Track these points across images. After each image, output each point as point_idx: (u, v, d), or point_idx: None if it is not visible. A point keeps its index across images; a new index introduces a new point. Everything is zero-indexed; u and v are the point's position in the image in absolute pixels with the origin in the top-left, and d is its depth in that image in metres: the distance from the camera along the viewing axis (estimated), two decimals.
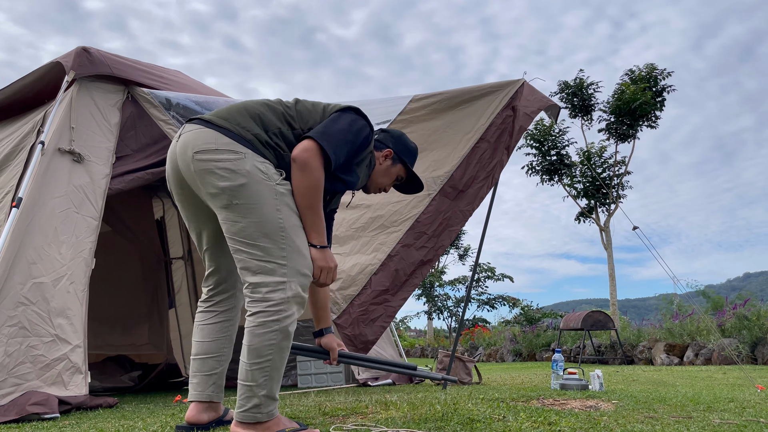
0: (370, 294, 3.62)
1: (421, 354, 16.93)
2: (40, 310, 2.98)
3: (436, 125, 3.77)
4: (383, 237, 3.69)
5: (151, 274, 6.14)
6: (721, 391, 3.56)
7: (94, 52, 3.68)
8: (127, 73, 3.82)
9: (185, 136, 1.92)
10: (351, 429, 2.01)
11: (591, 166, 13.47)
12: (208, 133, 1.88)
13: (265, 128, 1.94)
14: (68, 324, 3.08)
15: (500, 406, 2.66)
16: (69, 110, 3.49)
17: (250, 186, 1.82)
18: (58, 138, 3.39)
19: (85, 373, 3.07)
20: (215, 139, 1.86)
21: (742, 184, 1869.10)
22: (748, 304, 8.02)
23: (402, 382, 4.74)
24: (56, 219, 3.23)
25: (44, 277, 3.06)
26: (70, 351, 3.02)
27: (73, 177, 3.39)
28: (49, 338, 2.96)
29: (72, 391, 2.95)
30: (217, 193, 1.83)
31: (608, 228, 13.34)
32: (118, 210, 5.55)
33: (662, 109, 12.96)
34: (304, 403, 3.09)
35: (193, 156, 1.85)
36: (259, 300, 1.79)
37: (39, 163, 3.24)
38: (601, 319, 8.98)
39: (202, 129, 1.90)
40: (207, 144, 1.85)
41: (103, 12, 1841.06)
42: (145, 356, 5.91)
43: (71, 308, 3.13)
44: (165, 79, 4.12)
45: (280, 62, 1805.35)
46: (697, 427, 2.05)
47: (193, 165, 1.86)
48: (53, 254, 3.15)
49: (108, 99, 3.75)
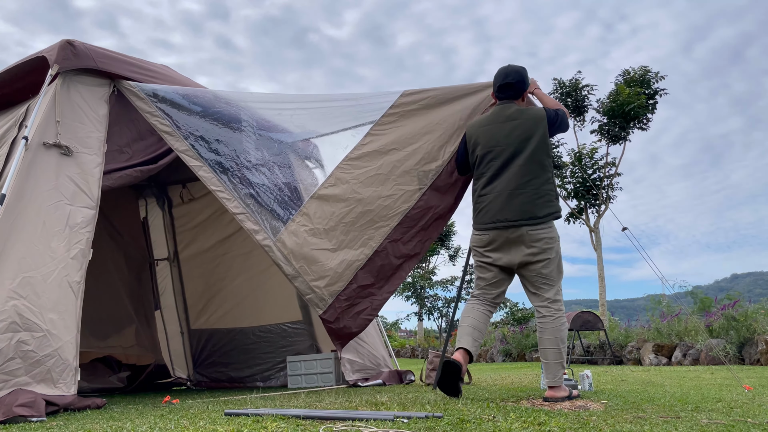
0: (355, 289, 3.63)
1: (412, 355, 16.94)
2: (31, 304, 2.93)
3: (427, 120, 3.77)
4: (371, 231, 3.68)
5: (137, 274, 6.09)
6: (709, 391, 3.59)
7: (79, 45, 3.59)
8: (113, 66, 3.73)
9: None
10: (341, 429, 2.01)
11: (582, 167, 13.53)
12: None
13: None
14: (60, 319, 3.02)
15: (490, 406, 2.67)
16: (54, 104, 3.41)
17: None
18: (42, 132, 3.31)
19: (75, 370, 3.02)
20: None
21: (730, 185, 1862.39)
22: (736, 305, 8.09)
23: (392, 383, 4.74)
24: (44, 213, 3.16)
25: (34, 272, 3.00)
26: (61, 347, 2.97)
27: (62, 170, 3.32)
28: (40, 333, 2.91)
29: (61, 389, 2.92)
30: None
31: (598, 229, 13.41)
32: (104, 209, 5.50)
33: (654, 111, 13.06)
34: (294, 403, 3.08)
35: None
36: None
37: (23, 158, 3.17)
38: (591, 319, 9.03)
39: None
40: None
41: (93, 10, 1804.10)
42: (134, 357, 5.86)
43: (63, 302, 3.07)
44: (152, 72, 4.03)
45: (272, 62, 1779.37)
46: (685, 427, 2.07)
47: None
48: (43, 248, 3.09)
49: (94, 92, 3.66)
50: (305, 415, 2.35)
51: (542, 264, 3.05)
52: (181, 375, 6.07)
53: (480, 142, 3.21)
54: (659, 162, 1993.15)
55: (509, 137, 3.14)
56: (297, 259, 3.62)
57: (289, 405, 3.00)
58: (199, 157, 3.64)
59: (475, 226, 3.22)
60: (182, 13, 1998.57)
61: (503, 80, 3.24)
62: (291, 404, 3.04)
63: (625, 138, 13.32)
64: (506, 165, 3.12)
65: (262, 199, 3.71)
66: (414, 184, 3.69)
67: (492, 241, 3.12)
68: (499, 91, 3.28)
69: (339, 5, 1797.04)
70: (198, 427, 2.16)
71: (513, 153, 3.12)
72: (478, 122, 3.28)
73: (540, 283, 3.08)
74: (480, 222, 3.17)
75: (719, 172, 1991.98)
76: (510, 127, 3.16)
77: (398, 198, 3.70)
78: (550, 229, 3.07)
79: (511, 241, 3.08)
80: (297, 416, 2.34)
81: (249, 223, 3.60)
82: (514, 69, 3.27)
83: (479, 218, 3.17)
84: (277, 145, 4.00)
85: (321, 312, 3.59)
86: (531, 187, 3.07)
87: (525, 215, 3.04)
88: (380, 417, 2.25)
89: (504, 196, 3.09)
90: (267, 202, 3.72)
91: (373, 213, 3.70)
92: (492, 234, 3.11)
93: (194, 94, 3.90)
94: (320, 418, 2.31)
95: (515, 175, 3.09)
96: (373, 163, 3.74)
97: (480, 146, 3.20)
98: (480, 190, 3.20)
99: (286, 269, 3.59)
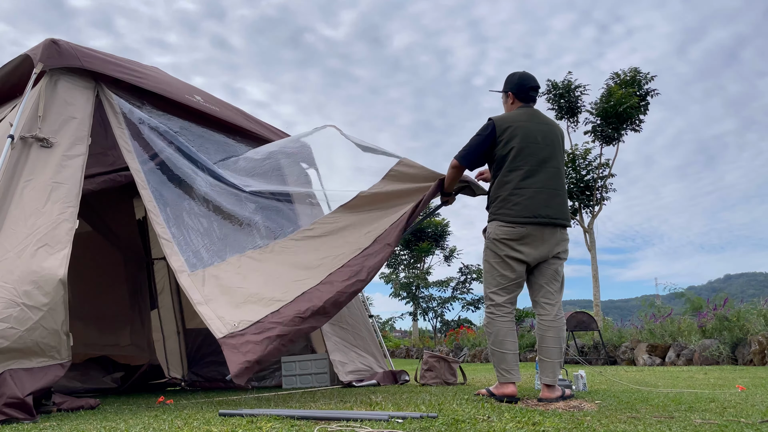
0: (259, 325, 3.21)
1: (406, 355, 16.93)
2: (5, 282, 2.83)
3: (375, 206, 3.90)
4: (295, 284, 3.56)
5: (132, 274, 6.07)
6: (703, 392, 3.61)
7: (63, 44, 3.58)
8: (98, 66, 3.71)
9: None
10: (336, 429, 2.01)
11: (576, 168, 13.57)
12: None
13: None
14: (36, 288, 2.89)
15: (485, 406, 2.67)
16: (38, 101, 3.39)
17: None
18: (27, 129, 3.30)
19: (67, 336, 2.93)
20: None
21: (724, 186, 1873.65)
22: (728, 305, 8.12)
23: (387, 383, 4.74)
24: (27, 205, 3.12)
25: (9, 253, 2.93)
26: (42, 318, 2.85)
27: (41, 161, 3.28)
28: (16, 308, 2.79)
29: (54, 357, 2.85)
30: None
31: (592, 230, 13.45)
32: (98, 210, 5.49)
33: (646, 112, 13.11)
34: (289, 404, 3.08)
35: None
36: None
37: (9, 157, 3.15)
38: (585, 320, 9.05)
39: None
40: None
41: (89, 9, 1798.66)
42: (127, 357, 5.84)
43: (39, 271, 2.93)
44: (139, 73, 4.01)
45: (268, 62, 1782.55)
46: (678, 427, 2.07)
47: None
48: (19, 229, 3.01)
49: (79, 91, 3.64)
50: (300, 415, 2.35)
51: (560, 263, 3.18)
52: (175, 375, 6.06)
53: (518, 135, 3.15)
54: (654, 163, 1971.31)
55: (545, 139, 3.18)
56: (208, 289, 3.45)
57: (283, 405, 3.00)
58: (147, 185, 3.69)
59: (505, 218, 3.09)
60: (178, 12, 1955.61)
61: (534, 83, 3.32)
62: (286, 404, 3.04)
63: (618, 139, 13.36)
64: (543, 164, 3.14)
65: (192, 240, 3.77)
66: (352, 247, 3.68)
67: (527, 235, 3.06)
68: (528, 92, 3.30)
69: (335, 5, 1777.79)
70: (192, 427, 2.16)
71: (548, 155, 3.16)
72: (511, 117, 3.23)
73: (554, 281, 3.15)
74: (516, 215, 3.06)
75: (713, 173, 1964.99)
76: (545, 129, 3.21)
77: (344, 253, 3.65)
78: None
79: (543, 239, 3.08)
80: (291, 417, 2.34)
81: (169, 250, 3.56)
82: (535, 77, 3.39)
83: (514, 211, 3.07)
84: (227, 195, 4.03)
85: (221, 336, 3.14)
86: (564, 191, 3.21)
87: (564, 216, 3.15)
88: (375, 417, 2.25)
89: (546, 193, 3.10)
90: (195, 244, 3.77)
91: (300, 270, 3.66)
92: (529, 228, 3.05)
93: (166, 129, 3.99)
94: (315, 419, 2.31)
95: (554, 176, 3.15)
96: (313, 242, 3.77)
97: (518, 138, 3.14)
98: (517, 182, 3.10)
99: (194, 296, 3.37)
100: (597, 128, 13.41)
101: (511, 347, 3.05)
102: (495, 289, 3.12)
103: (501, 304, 3.09)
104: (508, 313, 3.09)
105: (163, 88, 4.16)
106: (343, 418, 2.27)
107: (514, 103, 3.34)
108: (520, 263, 3.10)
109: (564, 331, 3.09)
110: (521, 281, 3.14)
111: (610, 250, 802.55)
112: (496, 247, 3.11)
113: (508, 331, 3.06)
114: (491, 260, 3.14)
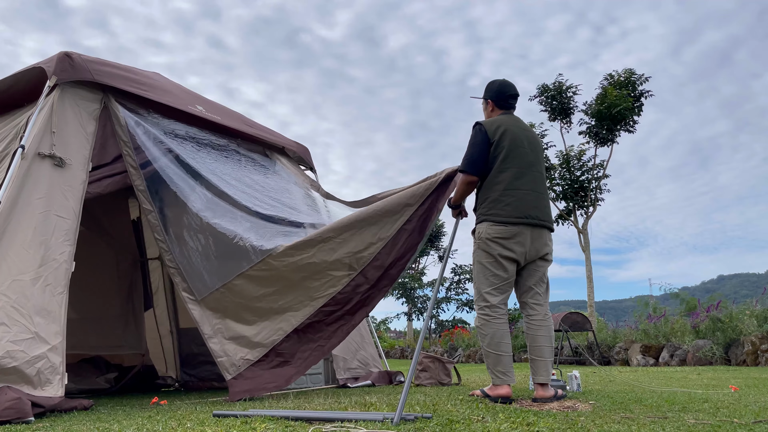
0: (271, 360, 3.71)
1: (401, 355, 16.93)
2: (20, 306, 2.93)
3: (359, 218, 3.83)
4: (297, 307, 3.74)
5: (126, 274, 6.05)
6: (696, 392, 3.62)
7: (76, 57, 3.68)
8: (107, 79, 3.83)
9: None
10: (331, 430, 2.00)
11: (570, 169, 13.60)
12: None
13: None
14: (47, 324, 3.03)
15: (479, 407, 2.68)
16: (50, 115, 3.48)
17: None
18: (38, 142, 3.37)
19: (62, 374, 3.02)
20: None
21: (718, 187, 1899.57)
22: (721, 306, 8.16)
23: (381, 384, 4.74)
24: (35, 219, 3.20)
25: (24, 275, 3.02)
26: (49, 350, 2.97)
27: (53, 181, 3.37)
28: (29, 335, 2.91)
29: (48, 391, 2.90)
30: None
31: (586, 230, 13.48)
32: (93, 210, 5.47)
33: (640, 113, 13.14)
34: (283, 404, 3.08)
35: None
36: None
37: (19, 167, 3.21)
38: (579, 320, 9.07)
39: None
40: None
41: (84, 9, 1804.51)
42: (121, 357, 5.82)
43: (49, 309, 3.08)
44: (146, 86, 4.14)
45: (263, 62, 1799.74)
46: (672, 427, 2.08)
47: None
48: (32, 254, 3.12)
49: (86, 107, 3.74)
50: (294, 416, 2.34)
51: (546, 267, 3.24)
52: (170, 375, 6.04)
53: (507, 137, 3.17)
54: (648, 164, 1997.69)
55: (531, 144, 3.25)
56: (217, 319, 3.76)
57: (278, 406, 2.99)
58: (152, 202, 3.91)
59: (496, 218, 3.09)
60: (173, 12, 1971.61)
61: (514, 91, 3.37)
62: (280, 405, 3.03)
63: (612, 140, 13.40)
64: (530, 167, 3.19)
65: (193, 262, 3.92)
66: (344, 270, 3.69)
67: (518, 234, 3.08)
68: (507, 100, 3.36)
69: (331, 6, 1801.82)
70: (186, 428, 2.15)
71: (534, 159, 3.22)
72: (498, 120, 3.24)
73: (541, 282, 3.21)
74: (507, 215, 3.07)
75: (707, 174, 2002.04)
76: (530, 135, 3.28)
77: (326, 282, 3.70)
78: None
79: (531, 239, 3.12)
80: (286, 417, 2.34)
81: (178, 278, 3.86)
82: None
83: (506, 211, 3.08)
84: (223, 211, 4.07)
85: (230, 377, 3.59)
86: (548, 196, 3.28)
87: (549, 219, 3.22)
88: (369, 418, 2.25)
89: (535, 195, 3.15)
90: (197, 265, 3.90)
91: (299, 293, 3.74)
92: (520, 228, 3.08)
93: (171, 140, 4.10)
94: (309, 419, 2.30)
95: (539, 180, 3.22)
96: (307, 252, 3.76)
97: (508, 139, 3.16)
98: (509, 182, 3.11)
99: (205, 329, 3.72)
100: (591, 129, 13.44)
101: (507, 349, 3.06)
102: (489, 289, 3.10)
103: (496, 305, 3.09)
104: (503, 314, 3.09)
105: (168, 99, 4.29)
106: (338, 418, 2.27)
107: (494, 110, 3.40)
108: (512, 262, 3.12)
109: (553, 330, 3.14)
110: (512, 281, 3.16)
111: (605, 251, 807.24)
112: (489, 247, 3.11)
113: (504, 333, 3.07)
114: (483, 260, 3.14)
